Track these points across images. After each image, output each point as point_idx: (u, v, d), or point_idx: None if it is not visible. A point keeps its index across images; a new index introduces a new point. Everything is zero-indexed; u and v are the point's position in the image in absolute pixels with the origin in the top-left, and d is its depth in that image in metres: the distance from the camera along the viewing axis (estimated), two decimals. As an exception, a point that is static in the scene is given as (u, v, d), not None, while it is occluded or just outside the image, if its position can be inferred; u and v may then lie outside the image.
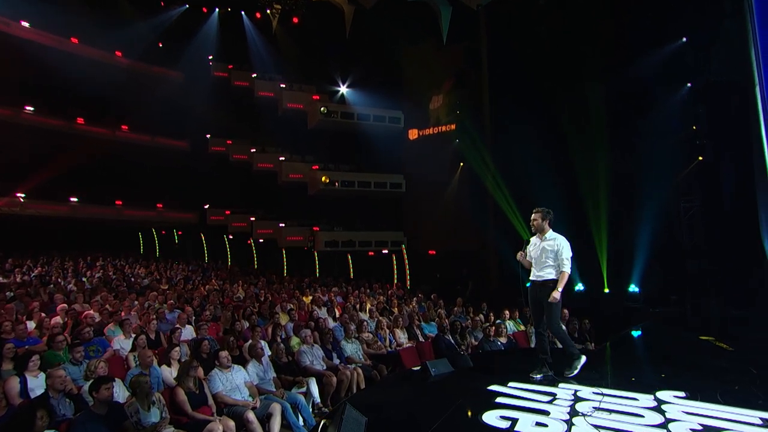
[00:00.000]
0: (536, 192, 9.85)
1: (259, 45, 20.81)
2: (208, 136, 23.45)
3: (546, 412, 3.86)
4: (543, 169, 10.34)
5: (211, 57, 22.58)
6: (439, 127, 17.41)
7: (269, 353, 6.53)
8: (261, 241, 20.66)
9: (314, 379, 6.15)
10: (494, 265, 14.40)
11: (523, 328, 9.11)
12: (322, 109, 17.73)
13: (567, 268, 4.77)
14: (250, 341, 6.54)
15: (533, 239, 5.10)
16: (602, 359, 6.00)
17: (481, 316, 9.73)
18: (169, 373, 5.46)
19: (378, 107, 18.44)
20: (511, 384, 4.66)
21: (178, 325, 7.17)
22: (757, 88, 8.63)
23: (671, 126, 9.80)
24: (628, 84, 9.97)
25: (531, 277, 5.06)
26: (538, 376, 4.82)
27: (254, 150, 21.06)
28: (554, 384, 4.61)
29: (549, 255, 4.86)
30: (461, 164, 16.18)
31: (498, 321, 8.98)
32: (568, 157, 10.63)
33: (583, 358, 4.85)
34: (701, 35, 9.51)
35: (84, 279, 13.10)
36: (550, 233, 4.95)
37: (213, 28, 21.49)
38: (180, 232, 26.76)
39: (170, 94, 22.17)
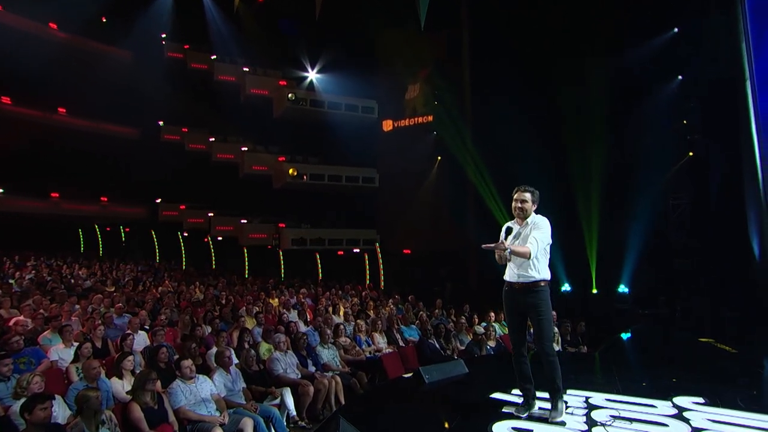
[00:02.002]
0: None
1: (219, 24, 19.90)
2: (161, 123, 22.31)
3: (561, 423, 3.66)
4: (530, 164, 10.27)
5: (164, 35, 21.45)
6: (416, 118, 17.25)
7: (236, 361, 6.09)
8: (220, 239, 19.88)
9: (289, 389, 5.77)
10: (474, 265, 14.33)
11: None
12: (289, 95, 17.17)
13: (534, 247, 3.68)
14: (216, 348, 6.09)
15: (515, 227, 3.96)
16: (604, 363, 5.90)
17: (463, 318, 9.60)
18: (121, 386, 4.94)
19: (350, 96, 18.05)
20: (515, 391, 4.45)
21: (129, 331, 6.57)
22: (748, 83, 8.87)
23: (663, 120, 9.96)
24: (620, 78, 10.08)
25: (507, 278, 3.97)
26: (525, 414, 3.84)
27: (213, 139, 20.21)
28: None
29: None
30: (439, 158, 16.09)
31: (484, 324, 8.88)
32: (557, 153, 10.64)
33: (566, 399, 3.94)
34: (692, 27, 9.72)
35: (11, 281, 12.02)
36: (532, 216, 3.91)
37: (167, 2, 20.38)
38: (127, 229, 25.43)
39: (117, 75, 20.85)
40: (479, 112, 13.83)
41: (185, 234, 21.73)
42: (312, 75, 18.31)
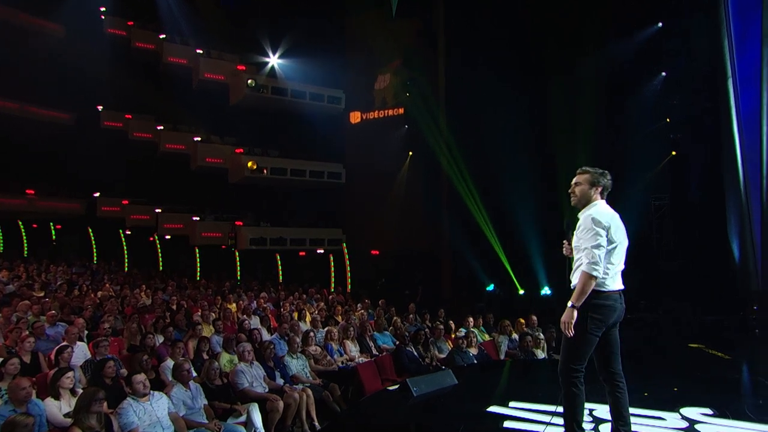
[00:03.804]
0: (505, 185, 9.78)
1: (169, -1, 18.99)
2: (101, 108, 21.05)
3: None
4: (511, 161, 10.29)
5: (103, 9, 20.21)
6: (386, 111, 17.13)
7: (194, 374, 5.68)
8: (168, 238, 18.99)
9: (256, 404, 5.44)
10: (448, 267, 14.29)
11: (488, 337, 8.99)
12: (249, 81, 16.58)
13: (588, 266, 3.08)
14: (171, 360, 5.66)
15: None
16: (597, 372, 5.88)
17: (441, 324, 9.49)
18: (57, 408, 4.44)
19: (315, 84, 17.69)
20: (512, 404, 4.32)
21: (66, 343, 6.00)
22: (730, 81, 9.19)
23: (647, 118, 10.20)
24: (605, 72, 10.24)
25: None
26: None
27: (162, 128, 19.24)
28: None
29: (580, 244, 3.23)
30: (410, 153, 15.98)
31: (463, 329, 8.80)
32: (541, 148, 10.71)
33: None
34: (676, 23, 10.00)
35: None
36: (588, 207, 3.28)
37: (106, -30, 19.23)
38: (59, 226, 23.84)
39: (46, 52, 19.40)
40: (455, 106, 13.80)
41: (128, 232, 20.64)
42: (273, 60, 17.76)
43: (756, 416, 3.92)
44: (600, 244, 3.09)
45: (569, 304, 3.18)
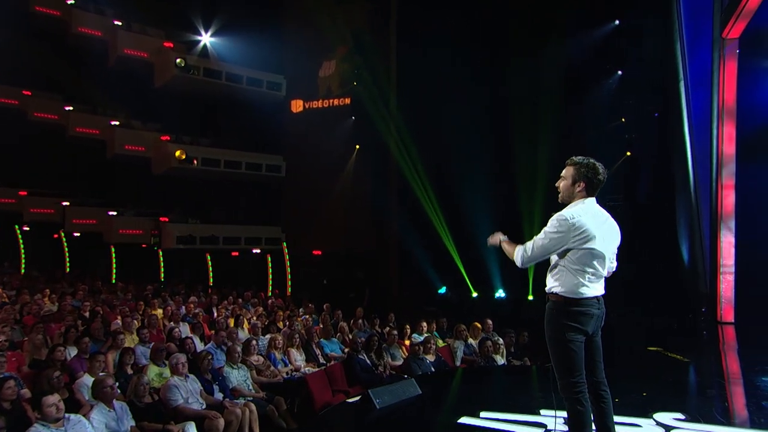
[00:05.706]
0: (460, 181, 9.84)
1: (78, -43, 17.61)
2: (-13, 80, 19.19)
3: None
4: (467, 158, 10.40)
5: None
6: (331, 100, 16.93)
7: (119, 392, 5.24)
8: (77, 235, 17.70)
9: (193, 423, 5.13)
10: (395, 267, 14.31)
11: (442, 342, 9.02)
12: (178, 61, 15.76)
13: (521, 249, 3.17)
14: (89, 376, 5.19)
15: None
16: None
17: (389, 329, 9.42)
18: (-58, 440, 3.88)
19: (253, 68, 17.19)
20: (483, 414, 4.29)
21: (-52, 360, 5.31)
22: (681, 84, 9.78)
23: (603, 117, 10.66)
24: (562, 67, 10.58)
25: None
26: None
27: (71, 108, 17.85)
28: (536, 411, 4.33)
29: None
30: (357, 147, 15.85)
31: (416, 335, 8.78)
32: (498, 144, 10.89)
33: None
34: (632, 22, 10.53)
35: None
36: (569, 207, 3.15)
37: None
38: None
39: None
40: (408, 95, 13.84)
41: (26, 228, 19.01)
42: (206, 38, 17.07)
43: (726, 420, 4.12)
44: (546, 246, 3.06)
45: (500, 239, 3.37)
